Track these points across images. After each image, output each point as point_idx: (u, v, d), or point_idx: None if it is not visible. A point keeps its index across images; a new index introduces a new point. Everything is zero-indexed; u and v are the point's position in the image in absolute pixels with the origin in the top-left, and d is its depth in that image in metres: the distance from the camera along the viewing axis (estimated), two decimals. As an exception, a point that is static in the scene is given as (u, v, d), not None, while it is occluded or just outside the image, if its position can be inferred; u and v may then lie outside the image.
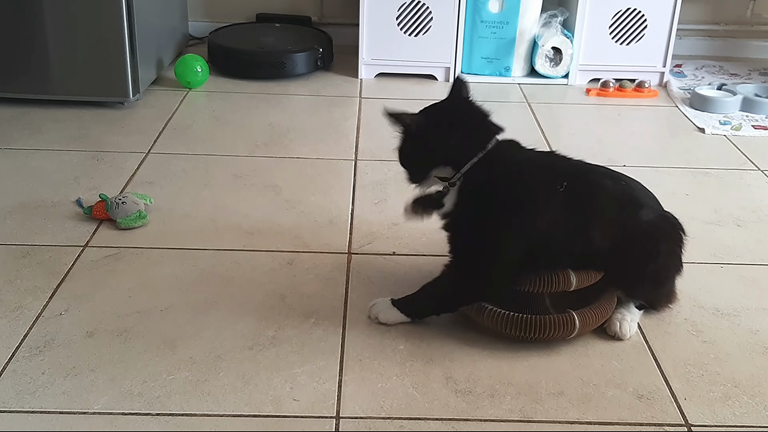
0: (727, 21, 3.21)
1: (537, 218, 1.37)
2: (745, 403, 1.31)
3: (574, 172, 1.43)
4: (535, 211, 1.37)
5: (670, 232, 1.45)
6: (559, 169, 1.43)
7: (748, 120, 2.56)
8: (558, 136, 2.40)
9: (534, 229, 1.37)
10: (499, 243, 1.38)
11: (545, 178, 1.39)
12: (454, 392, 1.31)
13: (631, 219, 1.41)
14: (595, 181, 1.42)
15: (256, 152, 2.20)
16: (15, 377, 1.30)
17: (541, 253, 1.37)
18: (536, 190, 1.38)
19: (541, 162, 1.45)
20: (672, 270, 1.47)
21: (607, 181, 1.43)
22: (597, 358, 1.40)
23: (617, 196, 1.42)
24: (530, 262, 1.38)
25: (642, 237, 1.41)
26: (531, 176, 1.40)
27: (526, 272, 1.38)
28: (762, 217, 1.93)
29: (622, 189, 1.43)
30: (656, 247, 1.42)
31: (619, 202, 1.41)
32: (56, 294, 1.53)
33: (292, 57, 2.76)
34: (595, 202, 1.40)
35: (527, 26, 2.76)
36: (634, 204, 1.42)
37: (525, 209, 1.37)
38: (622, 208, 1.41)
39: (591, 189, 1.41)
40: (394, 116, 1.39)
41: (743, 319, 1.53)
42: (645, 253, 1.41)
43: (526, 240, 1.37)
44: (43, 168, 2.05)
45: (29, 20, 2.31)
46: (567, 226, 1.37)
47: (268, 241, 1.74)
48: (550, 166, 1.44)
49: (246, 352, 1.38)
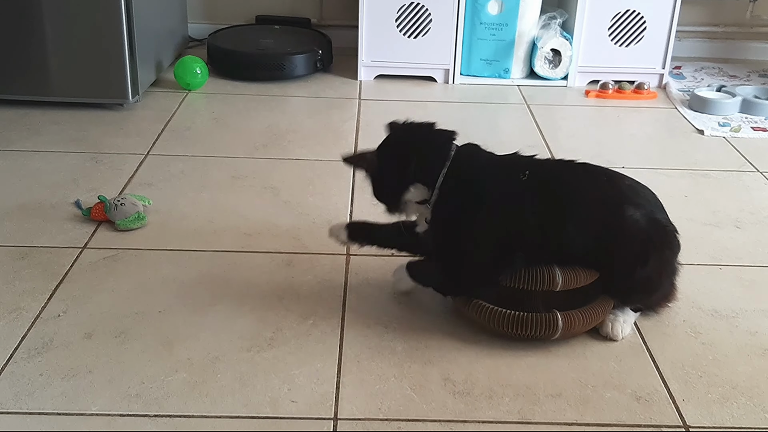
0: (726, 23, 3.21)
1: (504, 212, 1.38)
2: (743, 404, 1.31)
3: (546, 169, 1.45)
4: (503, 205, 1.38)
5: (660, 238, 1.42)
6: (525, 165, 1.44)
7: (747, 122, 2.56)
8: (557, 137, 2.40)
9: (503, 222, 1.38)
10: (473, 242, 1.39)
11: (509, 173, 1.41)
12: (452, 394, 1.31)
13: (616, 220, 1.39)
14: (572, 179, 1.43)
15: (255, 154, 2.20)
16: (13, 378, 1.30)
17: (515, 247, 1.38)
18: (501, 183, 1.40)
19: (506, 160, 1.46)
20: (663, 276, 1.45)
21: (589, 180, 1.43)
22: (595, 360, 1.40)
23: (601, 195, 1.41)
24: (505, 256, 1.38)
25: (629, 240, 1.39)
26: (495, 172, 1.42)
27: (504, 267, 1.39)
28: (761, 219, 1.93)
29: (610, 190, 1.42)
30: (645, 251, 1.39)
31: (602, 201, 1.40)
32: (54, 295, 1.53)
33: (292, 59, 2.77)
34: (570, 198, 1.40)
35: (526, 28, 2.77)
36: (620, 205, 1.39)
37: (492, 204, 1.38)
38: (606, 207, 1.39)
39: (566, 186, 1.41)
40: (350, 160, 1.48)
41: (741, 320, 1.53)
42: (632, 258, 1.39)
43: (496, 235, 1.38)
44: (42, 169, 2.05)
45: (28, 22, 2.31)
46: (538, 220, 1.37)
47: (267, 243, 1.74)
48: (515, 163, 1.45)
49: (244, 353, 1.38)
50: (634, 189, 1.45)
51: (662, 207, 1.47)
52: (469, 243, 1.40)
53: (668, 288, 1.49)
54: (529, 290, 1.39)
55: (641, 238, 1.39)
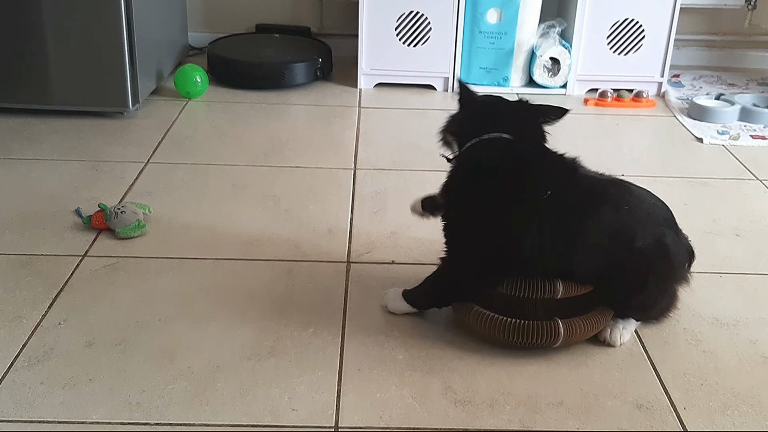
0: (725, 31, 3.22)
1: (509, 222, 1.37)
2: (744, 413, 1.31)
3: (569, 188, 1.41)
4: (512, 214, 1.37)
5: (663, 266, 1.41)
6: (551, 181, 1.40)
7: (746, 130, 2.56)
8: (556, 145, 2.39)
9: (508, 235, 1.37)
10: (478, 238, 1.40)
11: (532, 182, 1.38)
12: (453, 402, 1.31)
13: (624, 252, 1.38)
14: (592, 205, 1.39)
15: (255, 162, 2.20)
16: (14, 387, 1.30)
17: (517, 261, 1.38)
18: (519, 190, 1.38)
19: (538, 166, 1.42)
20: (659, 298, 1.45)
21: (606, 207, 1.39)
22: (597, 369, 1.40)
23: (616, 226, 1.38)
24: (507, 264, 1.38)
25: (632, 271, 1.39)
26: (518, 175, 1.39)
27: (506, 273, 1.39)
28: (760, 228, 1.93)
29: (622, 215, 1.40)
30: (645, 280, 1.39)
31: (616, 232, 1.38)
32: (55, 304, 1.53)
33: (292, 67, 2.77)
34: (584, 227, 1.37)
35: (525, 37, 2.77)
36: (632, 237, 1.38)
37: (503, 211, 1.38)
38: (617, 239, 1.38)
39: (581, 216, 1.38)
40: (462, 86, 1.49)
41: (742, 329, 1.53)
42: (633, 285, 1.40)
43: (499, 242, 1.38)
44: (42, 178, 2.05)
45: (29, 31, 2.32)
46: (548, 244, 1.35)
47: (267, 251, 1.74)
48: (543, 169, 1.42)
49: (245, 362, 1.38)
50: (649, 213, 1.42)
51: (674, 223, 1.46)
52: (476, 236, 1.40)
53: (666, 303, 1.49)
54: (529, 298, 1.39)
55: (644, 268, 1.39)
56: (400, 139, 2.41)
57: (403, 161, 2.21)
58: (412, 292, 1.50)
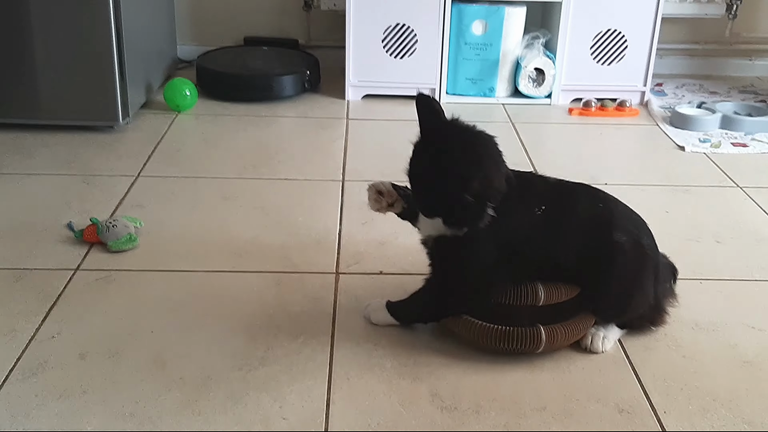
0: (706, 40, 3.27)
1: (511, 236, 1.40)
2: (723, 416, 1.34)
3: (553, 194, 1.46)
4: (511, 230, 1.40)
5: (640, 262, 1.45)
6: (539, 190, 1.46)
7: (727, 137, 2.61)
8: (541, 155, 2.44)
9: (507, 246, 1.40)
10: (476, 261, 1.42)
11: (524, 199, 1.42)
12: (439, 409, 1.34)
13: (603, 240, 1.42)
14: (570, 205, 1.45)
15: (244, 174, 2.23)
16: (9, 399, 1.32)
17: (512, 269, 1.41)
18: (514, 210, 1.41)
19: (521, 183, 1.46)
20: (638, 297, 1.47)
21: (583, 205, 1.45)
22: (579, 374, 1.44)
23: (594, 217, 1.44)
24: (503, 276, 1.42)
25: (611, 260, 1.42)
26: (511, 198, 1.42)
27: (500, 285, 1.42)
28: (740, 234, 1.98)
29: (604, 212, 1.45)
30: (623, 272, 1.43)
31: (594, 222, 1.44)
32: (48, 317, 1.55)
33: (280, 79, 2.81)
34: (567, 224, 1.43)
35: (510, 48, 2.82)
36: (609, 228, 1.42)
37: (500, 228, 1.40)
38: (596, 228, 1.43)
39: (565, 211, 1.44)
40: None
41: (722, 333, 1.57)
42: (611, 276, 1.43)
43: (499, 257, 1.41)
44: (34, 192, 2.08)
45: (18, 46, 2.34)
46: (538, 245, 1.41)
47: (257, 262, 1.77)
48: (530, 188, 1.46)
49: (236, 372, 1.41)
50: (625, 215, 1.48)
51: (650, 234, 1.50)
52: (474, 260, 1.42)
53: (647, 310, 1.51)
54: (514, 305, 1.42)
55: (622, 260, 1.42)
56: (388, 150, 2.44)
57: (391, 172, 2.21)
58: (397, 305, 1.53)
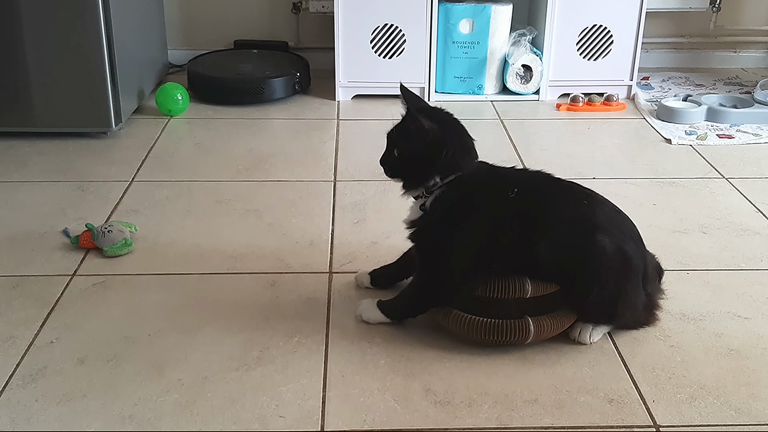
0: (691, 33, 3.31)
1: (489, 225, 1.44)
2: (710, 403, 1.38)
3: (534, 186, 1.50)
4: (489, 219, 1.45)
5: (623, 268, 1.45)
6: (516, 181, 1.50)
7: (713, 129, 2.64)
8: (530, 150, 2.47)
9: (486, 234, 1.44)
10: (459, 250, 1.46)
11: (499, 188, 1.47)
12: (433, 404, 1.37)
13: (585, 242, 1.43)
14: (552, 199, 1.48)
15: (237, 177, 2.25)
16: (9, 405, 1.35)
17: (493, 259, 1.45)
18: (490, 198, 1.46)
19: (500, 174, 1.52)
20: (620, 304, 1.47)
21: (568, 202, 1.48)
22: (569, 366, 1.47)
23: (578, 217, 1.46)
24: (484, 267, 1.45)
25: (592, 262, 1.43)
26: (487, 186, 1.48)
27: (482, 276, 1.45)
28: (726, 224, 2.01)
29: (589, 213, 1.46)
30: (603, 276, 1.43)
31: (578, 223, 1.45)
32: (47, 323, 1.57)
33: (271, 82, 2.83)
34: (547, 217, 1.45)
35: (497, 45, 2.84)
36: (593, 229, 1.43)
37: (479, 216, 1.45)
38: (580, 229, 1.44)
39: (545, 205, 1.47)
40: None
41: (708, 323, 1.60)
42: (591, 279, 1.44)
43: (479, 246, 1.45)
44: (29, 200, 2.09)
45: (10, 55, 2.35)
46: (516, 237, 1.44)
47: (251, 264, 1.80)
48: (508, 179, 1.51)
49: (232, 372, 1.43)
50: (611, 217, 1.48)
51: (639, 238, 1.50)
52: (453, 249, 1.46)
53: (639, 315, 1.53)
54: (502, 298, 1.45)
55: (604, 263, 1.43)
56: (379, 149, 2.45)
57: (382, 171, 2.26)
58: (388, 303, 1.56)
